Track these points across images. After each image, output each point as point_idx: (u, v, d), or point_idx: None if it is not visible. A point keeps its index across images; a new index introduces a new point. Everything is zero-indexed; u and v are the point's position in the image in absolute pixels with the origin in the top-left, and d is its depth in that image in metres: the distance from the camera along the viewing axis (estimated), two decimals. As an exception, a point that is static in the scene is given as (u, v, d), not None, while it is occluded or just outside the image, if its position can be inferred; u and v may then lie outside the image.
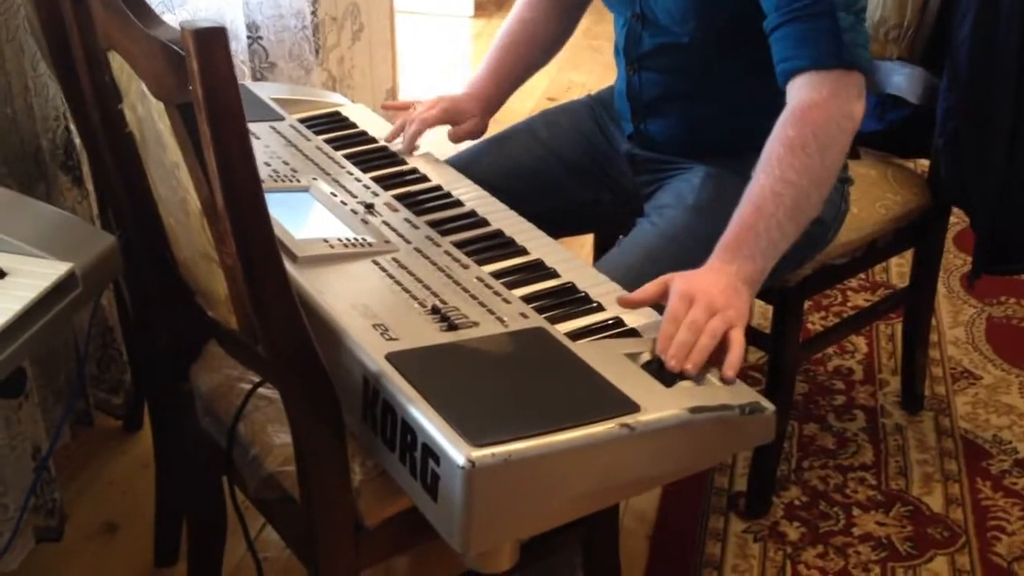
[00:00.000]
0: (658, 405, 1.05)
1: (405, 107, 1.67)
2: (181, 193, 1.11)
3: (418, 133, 1.60)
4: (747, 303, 1.21)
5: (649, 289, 1.21)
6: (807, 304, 2.30)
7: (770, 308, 1.75)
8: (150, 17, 1.02)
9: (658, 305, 1.21)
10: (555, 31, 1.73)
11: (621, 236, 1.64)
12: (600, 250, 1.90)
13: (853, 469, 1.91)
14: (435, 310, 1.18)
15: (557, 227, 1.63)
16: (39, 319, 1.06)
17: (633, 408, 1.04)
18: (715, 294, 1.18)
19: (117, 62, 1.13)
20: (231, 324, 1.16)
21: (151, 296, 1.38)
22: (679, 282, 1.20)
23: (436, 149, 1.63)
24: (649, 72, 1.57)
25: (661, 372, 1.11)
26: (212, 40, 0.90)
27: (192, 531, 1.54)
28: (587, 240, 1.91)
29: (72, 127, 1.69)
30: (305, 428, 1.12)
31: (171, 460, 1.61)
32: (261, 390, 1.25)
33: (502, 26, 1.73)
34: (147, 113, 1.10)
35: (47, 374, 1.78)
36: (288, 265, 1.21)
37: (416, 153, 1.60)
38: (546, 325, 1.18)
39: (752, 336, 1.80)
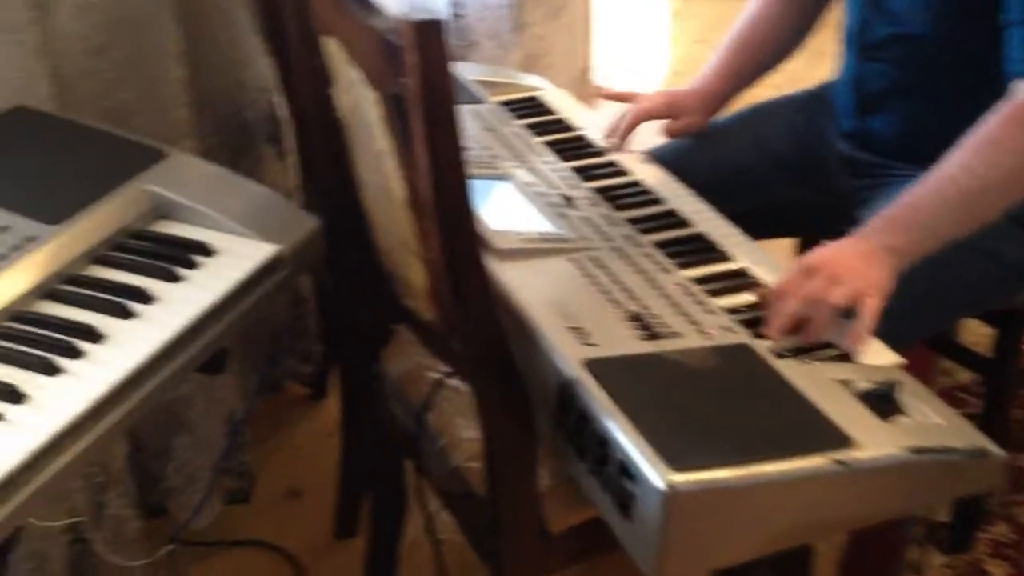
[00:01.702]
0: (874, 441, 0.98)
1: (626, 98, 1.62)
2: (386, 182, 1.09)
3: (632, 126, 1.54)
4: (886, 273, 1.14)
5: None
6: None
7: (992, 331, 1.62)
8: (368, 5, 1.01)
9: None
10: (790, 31, 1.63)
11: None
12: (804, 255, 1.80)
13: (1067, 507, 1.77)
14: (635, 316, 1.13)
15: (758, 228, 1.54)
16: (244, 300, 1.08)
17: (846, 443, 0.97)
18: (841, 263, 1.12)
19: (331, 47, 1.12)
20: (427, 315, 1.14)
21: (350, 278, 1.39)
22: (805, 257, 1.15)
23: (639, 141, 1.58)
24: (878, 63, 1.48)
25: (878, 403, 1.03)
26: (430, 33, 0.87)
27: (372, 507, 1.55)
28: (785, 244, 1.82)
29: (277, 100, 1.71)
30: (495, 427, 1.10)
31: (357, 436, 1.62)
32: (452, 381, 1.24)
33: (735, 23, 1.65)
34: (358, 100, 1.09)
35: (243, 341, 1.83)
36: (485, 256, 1.20)
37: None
38: (751, 341, 1.11)
39: (967, 357, 1.68)
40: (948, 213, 1.19)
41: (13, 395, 0.89)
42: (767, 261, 1.28)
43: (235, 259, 1.09)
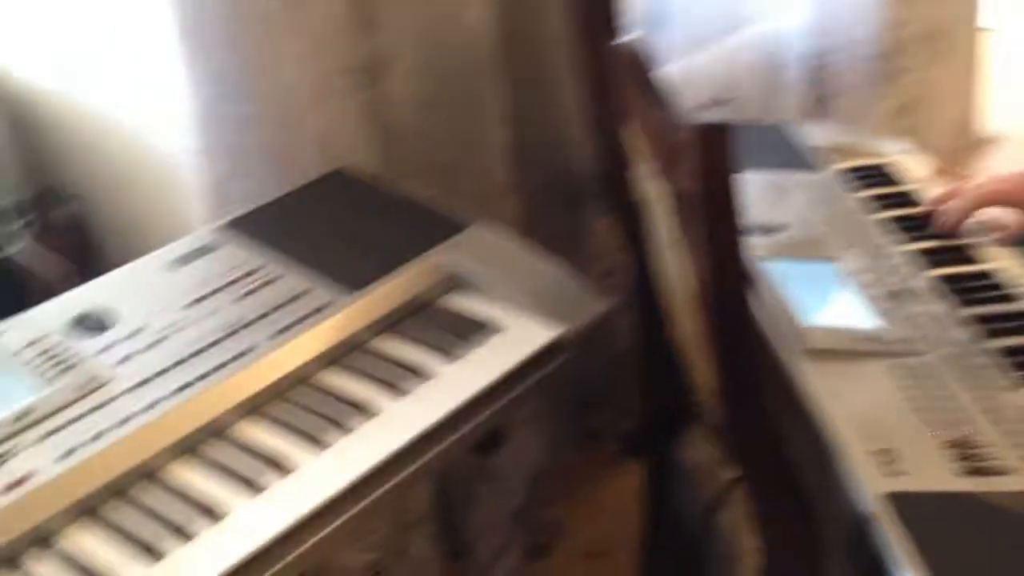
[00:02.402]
0: None
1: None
2: (674, 274, 1.03)
3: (966, 211, 1.34)
4: None
5: None
6: None
7: None
8: (665, 98, 0.95)
9: None
10: None
11: None
12: None
13: None
14: (958, 443, 0.98)
15: None
16: (521, 383, 1.05)
17: None
18: None
19: (634, 128, 1.07)
20: (711, 415, 1.06)
21: (648, 357, 1.33)
22: None
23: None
24: None
25: None
26: (713, 138, 0.81)
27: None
28: None
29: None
30: (771, 545, 1.00)
31: (655, 513, 1.56)
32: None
33: None
34: (651, 188, 1.03)
35: (555, 393, 1.82)
36: (790, 355, 1.09)
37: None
38: (1101, 491, 0.93)
39: None
40: None
41: (278, 466, 0.92)
42: None
43: (517, 340, 1.07)
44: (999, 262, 1.28)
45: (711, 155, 0.82)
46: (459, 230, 1.19)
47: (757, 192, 1.36)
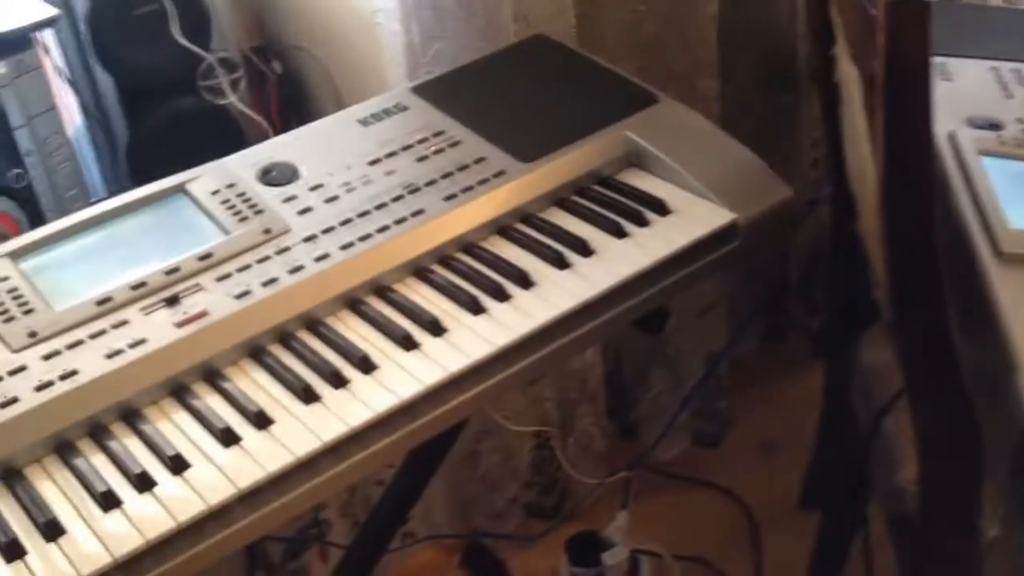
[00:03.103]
0: None
1: None
2: (862, 164, 0.97)
3: None
4: None
5: None
6: None
7: None
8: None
9: None
10: None
11: None
12: None
13: None
14: None
15: None
16: (687, 266, 1.02)
17: None
18: None
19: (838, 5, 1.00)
20: (886, 314, 1.01)
21: (840, 252, 1.27)
22: None
23: None
24: None
25: None
26: (907, 16, 0.74)
27: (830, 491, 1.44)
28: None
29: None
30: (930, 448, 0.96)
31: (833, 413, 1.51)
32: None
33: None
34: (848, 72, 0.96)
35: (746, 280, 1.78)
36: (987, 257, 1.01)
37: None
38: None
39: None
40: None
41: (435, 327, 0.94)
42: None
43: (687, 222, 1.04)
44: None
45: (901, 34, 0.75)
46: (648, 104, 1.16)
47: (984, 82, 1.26)
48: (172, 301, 0.96)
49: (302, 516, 1.49)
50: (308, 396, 0.88)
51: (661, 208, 1.06)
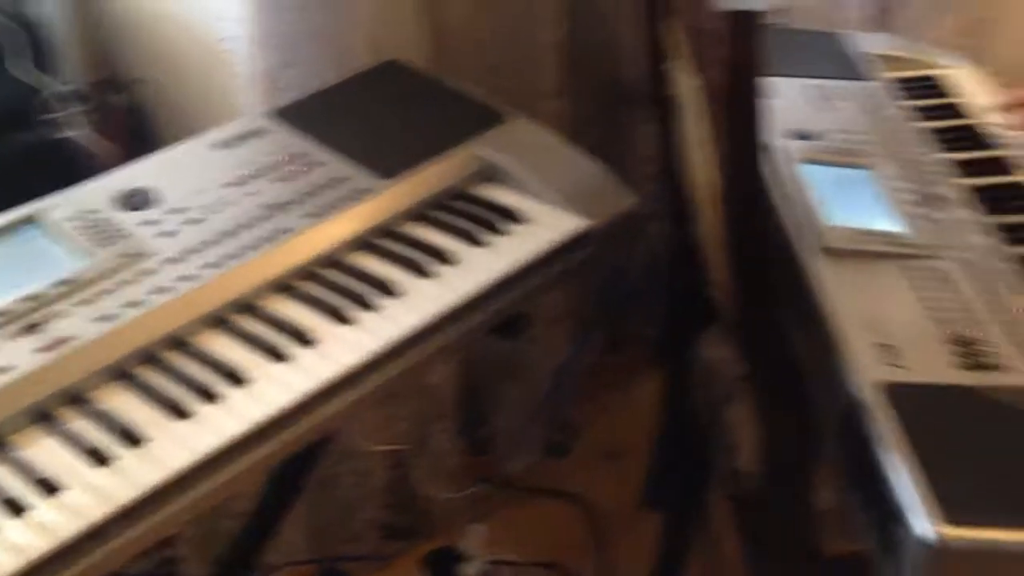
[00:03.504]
0: None
1: None
2: (698, 169, 1.05)
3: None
4: None
5: None
6: None
7: None
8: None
9: None
10: None
11: None
12: None
13: None
14: (961, 341, 1.01)
15: None
16: (542, 272, 1.09)
17: None
18: None
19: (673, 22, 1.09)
20: (725, 309, 1.10)
21: (679, 256, 1.36)
22: None
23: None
24: None
25: None
26: (741, 25, 0.82)
27: (673, 488, 1.53)
28: None
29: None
30: (771, 431, 1.05)
31: (673, 413, 1.60)
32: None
33: None
34: (683, 85, 1.05)
35: (584, 298, 1.86)
36: (809, 253, 1.12)
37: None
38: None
39: None
40: None
41: (302, 338, 0.97)
42: None
43: (542, 230, 1.10)
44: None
45: (740, 43, 0.84)
46: (499, 123, 1.22)
47: (802, 98, 1.39)
48: (32, 328, 0.95)
49: (151, 554, 1.47)
50: (180, 413, 0.89)
51: (517, 218, 1.12)
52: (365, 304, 1.00)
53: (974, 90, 1.46)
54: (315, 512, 1.62)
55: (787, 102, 1.15)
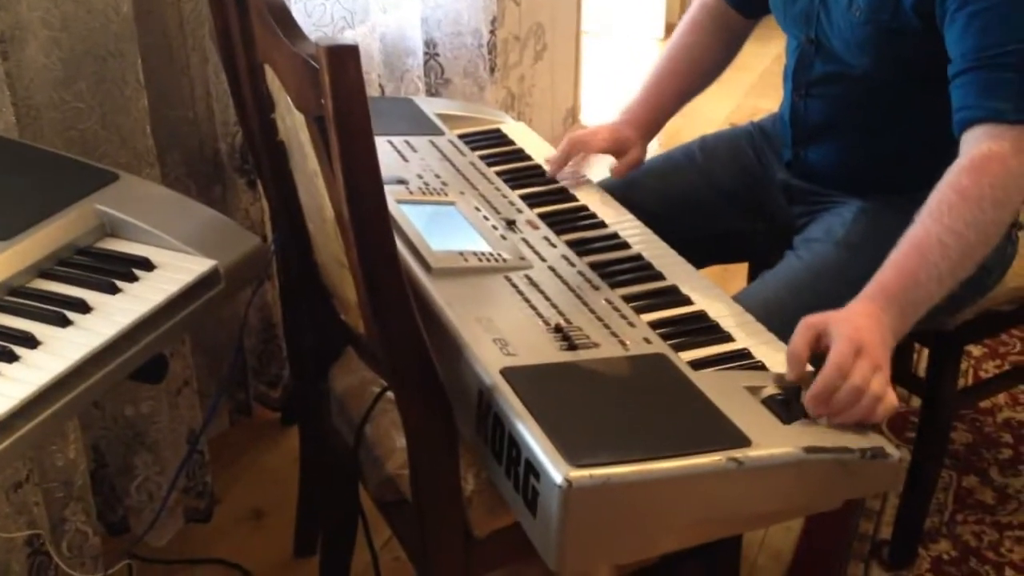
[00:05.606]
0: (772, 441, 1.03)
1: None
2: (318, 200, 1.15)
3: (567, 153, 1.61)
4: (889, 358, 1.12)
5: (799, 343, 1.12)
6: (981, 352, 2.19)
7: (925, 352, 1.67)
8: (296, 33, 1.08)
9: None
10: (718, 57, 1.70)
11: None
12: (753, 281, 1.86)
13: (1011, 527, 1.80)
14: (558, 329, 1.19)
15: (709, 255, 1.61)
16: (180, 311, 1.13)
17: (744, 442, 1.01)
18: (877, 345, 1.10)
19: (270, 74, 1.19)
20: (359, 328, 1.20)
21: (298, 297, 1.44)
22: (843, 326, 1.10)
23: (593, 171, 1.64)
24: (816, 99, 1.53)
25: (782, 407, 1.08)
26: (344, 57, 0.93)
27: (325, 527, 1.59)
28: (741, 269, 1.88)
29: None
30: (418, 434, 1.15)
31: (314, 457, 1.67)
32: (391, 394, 1.29)
33: (664, 49, 1.72)
34: (293, 123, 1.15)
35: (211, 364, 1.89)
36: (422, 275, 1.26)
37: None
38: (669, 352, 1.16)
39: (907, 380, 1.72)
40: (941, 284, 1.18)
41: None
42: (700, 282, 1.33)
43: (174, 273, 1.14)
44: (589, 200, 1.53)
45: (341, 73, 0.94)
46: (113, 180, 1.25)
47: (391, 152, 1.57)
48: None
49: None
50: None
51: (147, 265, 1.15)
52: (10, 356, 1.00)
53: (528, 140, 1.71)
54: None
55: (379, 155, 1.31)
